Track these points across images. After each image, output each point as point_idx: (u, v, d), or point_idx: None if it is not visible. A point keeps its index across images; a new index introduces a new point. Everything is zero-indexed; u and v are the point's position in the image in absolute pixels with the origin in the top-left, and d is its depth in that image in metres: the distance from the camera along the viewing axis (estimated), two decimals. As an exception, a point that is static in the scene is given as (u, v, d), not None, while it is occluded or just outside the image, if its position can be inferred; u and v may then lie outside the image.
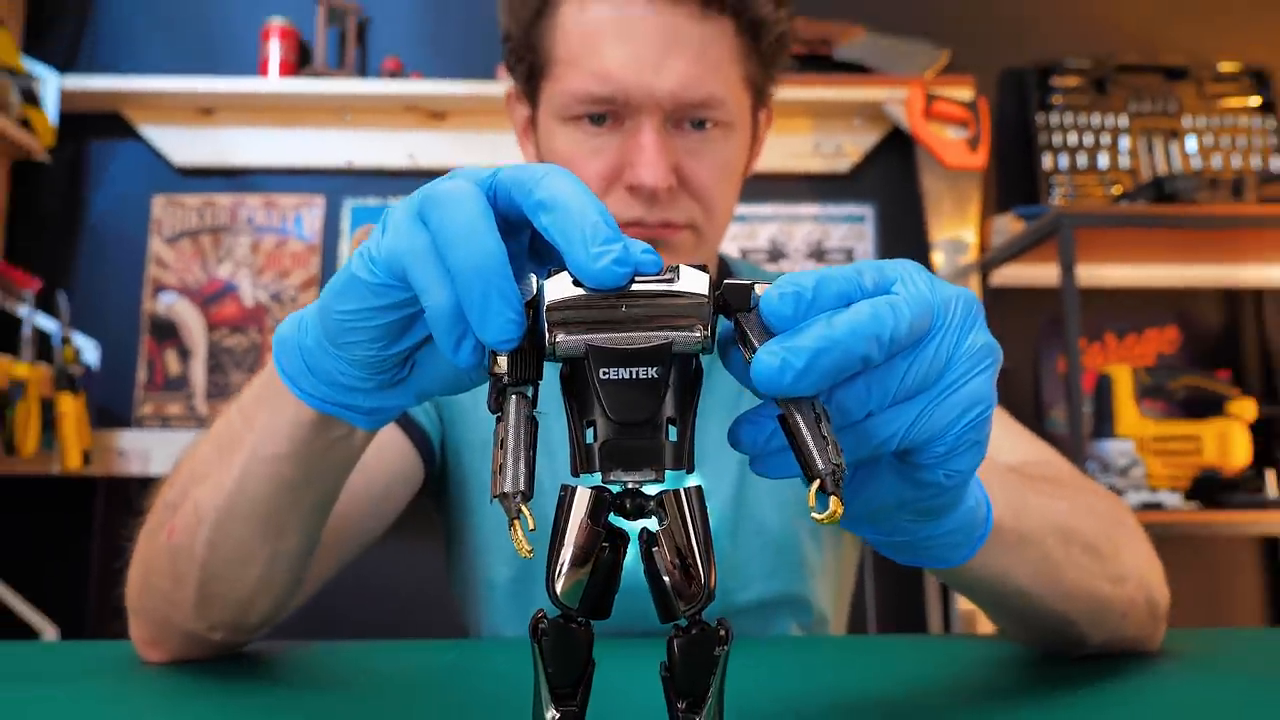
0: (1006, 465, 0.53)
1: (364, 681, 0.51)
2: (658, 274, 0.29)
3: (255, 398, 0.46)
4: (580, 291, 0.29)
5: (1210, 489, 1.76)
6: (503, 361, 0.30)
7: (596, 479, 0.29)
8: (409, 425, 0.74)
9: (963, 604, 1.90)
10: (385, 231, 0.33)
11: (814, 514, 0.28)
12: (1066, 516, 0.50)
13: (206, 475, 0.49)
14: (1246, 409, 1.86)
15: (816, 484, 0.28)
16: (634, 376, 0.29)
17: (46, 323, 1.85)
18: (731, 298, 0.31)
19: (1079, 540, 0.50)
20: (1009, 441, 0.71)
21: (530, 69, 0.73)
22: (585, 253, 0.29)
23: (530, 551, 0.27)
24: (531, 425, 0.29)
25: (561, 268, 0.30)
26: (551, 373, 0.31)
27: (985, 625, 1.85)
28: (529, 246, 0.35)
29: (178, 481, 0.52)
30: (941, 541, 0.37)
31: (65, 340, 1.84)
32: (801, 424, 0.28)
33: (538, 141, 0.76)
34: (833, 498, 0.28)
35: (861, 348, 0.29)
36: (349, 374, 0.37)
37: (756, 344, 0.29)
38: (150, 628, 0.54)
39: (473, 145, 2.10)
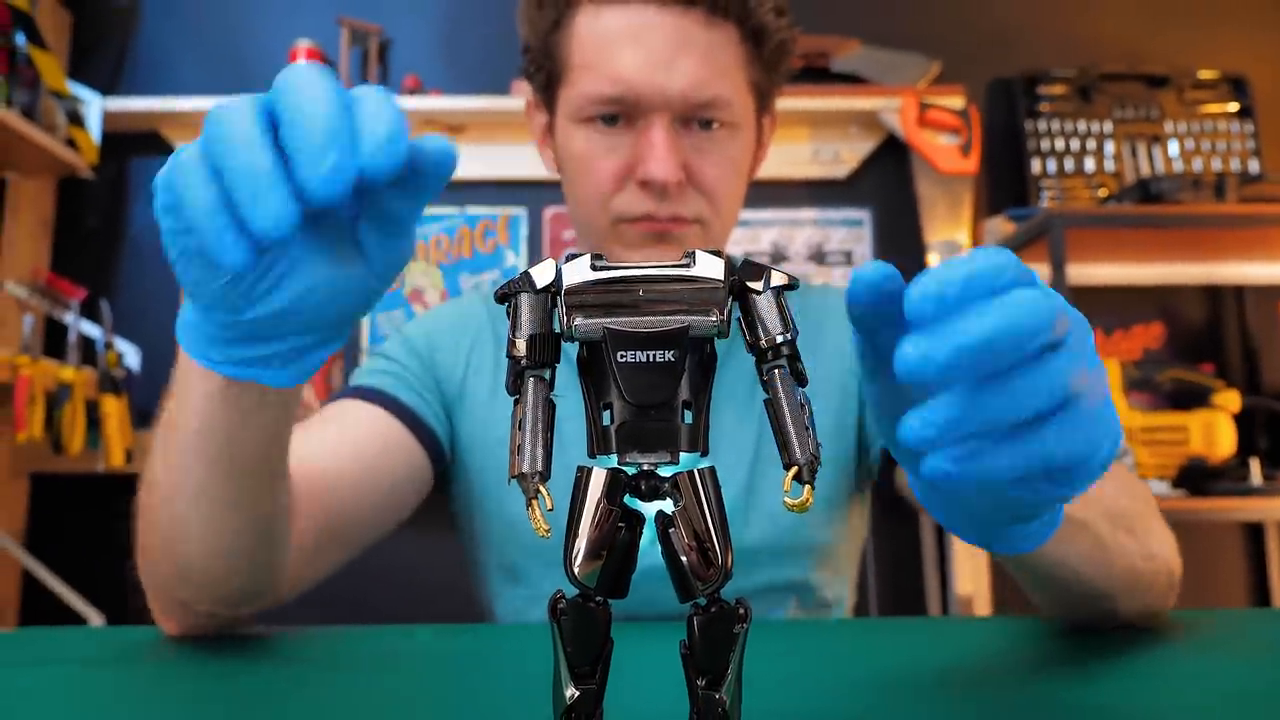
0: None
1: (384, 664, 0.50)
2: (453, 162, 0.31)
3: (176, 378, 0.46)
4: (598, 276, 0.28)
5: (1197, 477, 1.74)
6: (521, 344, 0.29)
7: (612, 460, 0.28)
8: (416, 426, 0.72)
9: (960, 588, 1.88)
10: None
11: (786, 499, 0.27)
12: (1112, 499, 0.50)
13: (158, 454, 0.49)
14: (1230, 400, 1.84)
15: (794, 471, 0.27)
16: (651, 359, 0.28)
17: (91, 329, 1.86)
18: (746, 275, 0.29)
19: (1123, 523, 0.50)
20: None
21: (548, 76, 0.73)
22: (311, 167, 0.29)
23: (548, 531, 0.26)
24: (549, 407, 0.28)
25: (580, 253, 0.29)
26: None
27: (981, 608, 1.83)
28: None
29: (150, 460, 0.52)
30: (1018, 534, 0.35)
31: (108, 345, 1.84)
32: (787, 413, 0.28)
33: (555, 146, 0.75)
34: (806, 487, 0.27)
35: (1007, 343, 0.27)
36: (215, 320, 0.38)
37: (761, 331, 0.29)
38: (156, 601, 0.55)
39: (489, 156, 2.09)
